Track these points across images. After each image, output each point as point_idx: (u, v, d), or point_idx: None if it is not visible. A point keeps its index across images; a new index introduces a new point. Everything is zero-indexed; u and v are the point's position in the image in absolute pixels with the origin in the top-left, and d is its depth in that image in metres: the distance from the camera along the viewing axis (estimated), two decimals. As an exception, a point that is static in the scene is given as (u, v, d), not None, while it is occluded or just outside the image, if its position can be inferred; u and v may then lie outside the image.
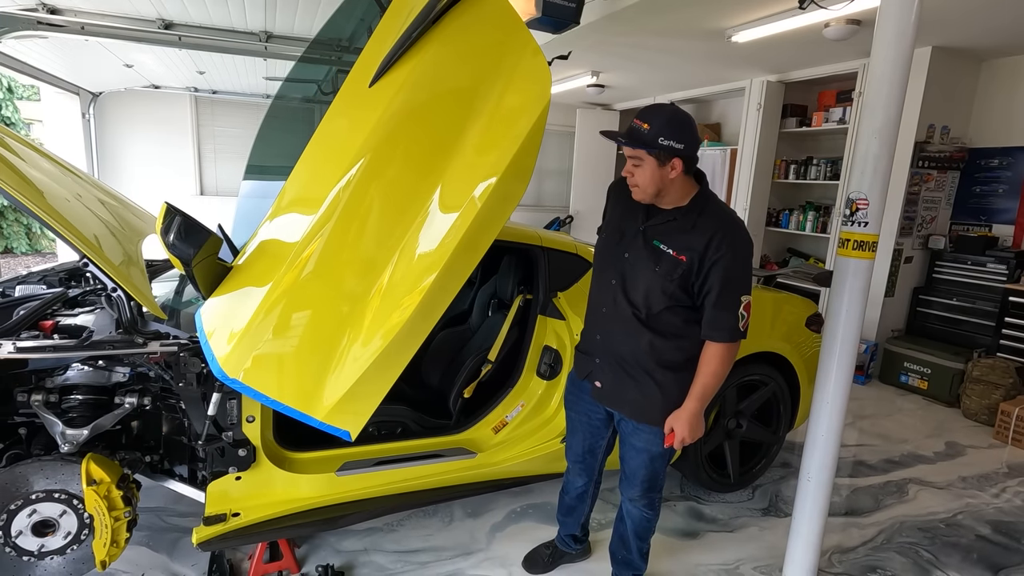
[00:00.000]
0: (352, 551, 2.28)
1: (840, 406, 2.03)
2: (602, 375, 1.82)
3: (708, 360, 1.65)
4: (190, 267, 1.61)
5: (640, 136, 1.58)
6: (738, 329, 1.62)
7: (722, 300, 1.60)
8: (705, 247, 1.58)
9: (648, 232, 1.69)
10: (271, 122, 2.26)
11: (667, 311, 1.67)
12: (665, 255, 1.64)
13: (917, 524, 2.67)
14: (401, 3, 1.82)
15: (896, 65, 1.79)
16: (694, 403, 1.66)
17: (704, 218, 1.63)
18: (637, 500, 1.88)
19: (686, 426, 1.66)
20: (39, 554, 1.72)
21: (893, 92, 1.82)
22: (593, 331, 1.85)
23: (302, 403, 1.65)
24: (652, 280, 1.65)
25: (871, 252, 1.93)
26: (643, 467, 1.82)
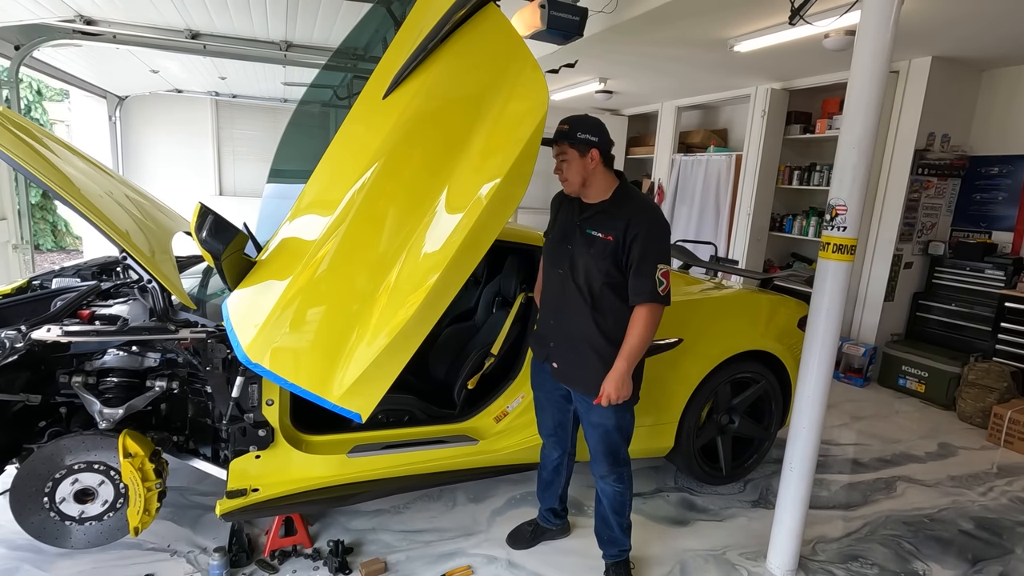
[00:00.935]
0: (361, 530, 2.43)
1: (820, 399, 2.15)
2: (557, 356, 2.04)
3: (634, 323, 1.89)
4: (220, 261, 1.78)
5: (563, 134, 1.91)
6: (657, 292, 1.86)
7: (641, 269, 1.86)
8: (626, 227, 1.87)
9: (582, 224, 1.97)
10: (293, 128, 2.43)
11: (606, 289, 1.91)
12: (596, 239, 1.91)
13: (902, 518, 2.77)
14: (413, 22, 1.99)
15: (872, 81, 1.92)
16: (621, 362, 1.88)
17: (624, 205, 1.92)
18: (607, 476, 2.07)
19: (612, 384, 1.87)
20: (80, 519, 1.90)
21: (870, 106, 1.94)
22: (547, 317, 2.09)
23: (317, 387, 1.81)
24: (589, 261, 1.92)
25: (850, 255, 2.05)
26: (602, 441, 2.02)
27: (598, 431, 2.02)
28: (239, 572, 2.13)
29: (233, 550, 2.17)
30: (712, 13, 3.41)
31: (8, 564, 2.10)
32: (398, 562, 2.25)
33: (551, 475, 2.33)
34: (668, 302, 1.89)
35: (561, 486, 2.35)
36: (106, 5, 3.53)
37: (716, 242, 6.11)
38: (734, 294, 3.17)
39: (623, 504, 2.11)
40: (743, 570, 2.33)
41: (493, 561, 2.29)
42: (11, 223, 4.40)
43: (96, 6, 3.53)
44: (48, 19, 3.57)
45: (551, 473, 2.32)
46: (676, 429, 2.74)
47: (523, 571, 2.25)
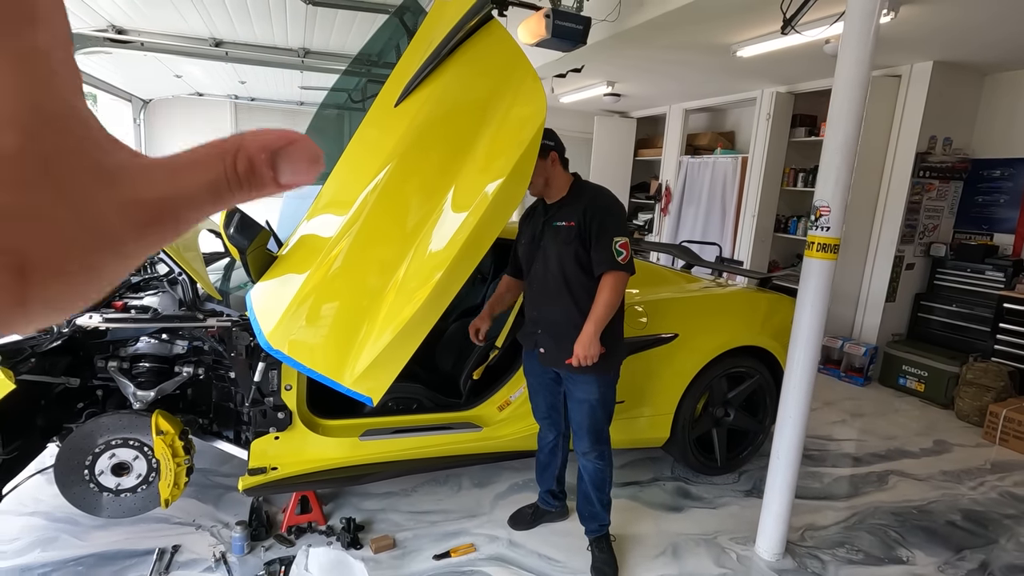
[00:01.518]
0: (371, 510, 2.59)
1: (806, 391, 2.27)
2: (544, 341, 2.21)
3: (600, 290, 2.08)
4: (244, 255, 1.95)
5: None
6: (616, 261, 2.05)
7: (601, 242, 2.07)
8: (584, 211, 2.09)
9: (548, 220, 2.18)
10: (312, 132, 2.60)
11: (578, 271, 2.11)
12: (561, 227, 2.14)
13: (891, 509, 2.87)
14: (423, 34, 2.14)
15: (854, 90, 2.03)
16: (590, 326, 2.06)
17: (581, 195, 2.15)
18: (589, 452, 2.22)
19: (580, 345, 2.04)
20: (116, 491, 2.07)
21: (852, 113, 2.06)
22: (531, 308, 2.28)
23: (332, 372, 1.97)
24: (560, 248, 2.13)
25: (833, 254, 2.17)
26: (587, 417, 2.18)
27: (583, 407, 2.18)
28: (258, 545, 2.29)
29: (253, 525, 2.33)
30: (712, 21, 3.53)
31: (49, 534, 2.29)
32: (406, 539, 2.40)
33: (547, 457, 2.48)
34: (631, 270, 2.09)
35: (558, 467, 2.50)
36: (136, 15, 3.73)
37: (722, 243, 6.21)
38: (731, 292, 3.29)
39: (603, 480, 2.26)
40: (732, 553, 2.45)
41: (495, 540, 2.43)
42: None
43: (127, 16, 3.73)
44: (83, 29, 3.79)
45: (547, 455, 2.47)
46: (672, 420, 2.86)
47: (522, 549, 2.39)
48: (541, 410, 2.41)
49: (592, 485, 2.26)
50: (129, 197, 0.18)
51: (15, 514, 2.40)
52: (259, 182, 0.20)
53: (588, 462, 2.25)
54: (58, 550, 2.20)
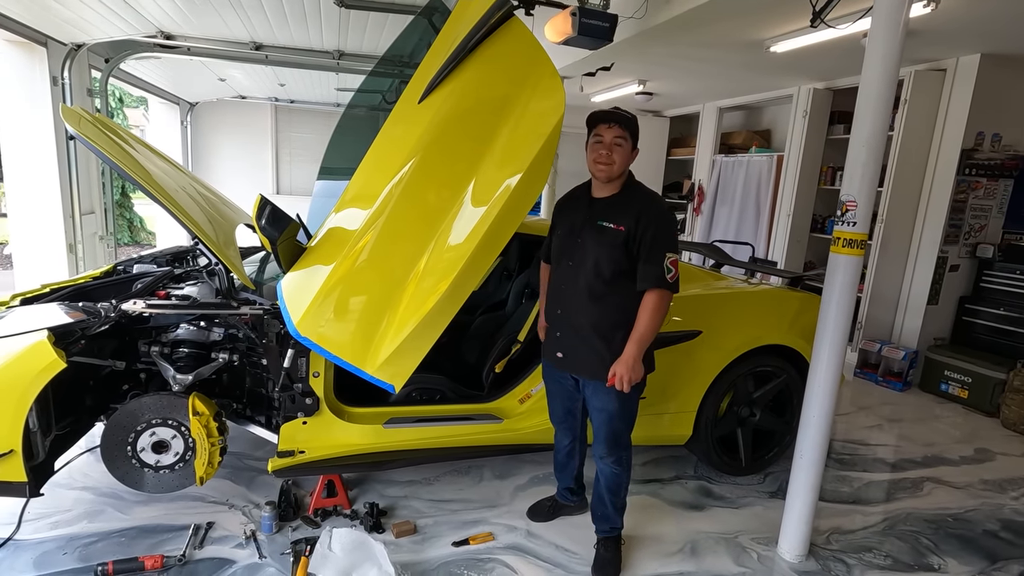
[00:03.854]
0: (394, 496, 2.66)
1: (830, 389, 2.22)
2: (563, 345, 2.14)
3: (643, 308, 1.99)
4: (276, 246, 2.04)
5: (628, 120, 2.00)
6: (664, 279, 1.95)
7: (650, 257, 1.96)
8: (637, 217, 1.97)
9: (593, 216, 2.06)
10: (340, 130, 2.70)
11: (614, 277, 2.00)
12: (608, 229, 2.01)
13: (924, 516, 2.77)
14: (446, 34, 2.20)
15: (882, 83, 1.99)
16: (632, 347, 1.97)
17: (634, 197, 2.04)
18: (605, 457, 2.17)
19: (624, 367, 1.96)
20: (156, 467, 2.20)
21: (879, 107, 2.01)
22: (555, 307, 2.17)
23: (357, 360, 2.05)
24: (600, 250, 2.01)
25: (859, 249, 2.12)
26: (604, 424, 2.12)
27: (602, 415, 2.12)
28: (286, 525, 2.39)
29: (282, 506, 2.44)
30: (742, 16, 3.48)
31: (96, 507, 2.45)
32: (426, 525, 2.46)
33: (565, 458, 2.46)
34: (676, 289, 1.99)
35: (575, 468, 2.48)
36: (183, 22, 3.94)
37: (756, 243, 6.08)
38: (758, 290, 3.24)
39: (619, 485, 2.21)
40: (753, 553, 2.42)
41: (513, 530, 2.47)
42: (98, 216, 4.93)
43: (175, 23, 3.95)
44: (134, 35, 4.02)
45: (564, 457, 2.45)
46: (695, 418, 2.84)
47: (540, 540, 2.42)
48: (557, 415, 2.36)
49: (607, 488, 2.22)
50: None
51: (67, 487, 2.57)
52: None
53: (605, 466, 2.19)
54: (104, 522, 2.35)
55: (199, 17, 3.83)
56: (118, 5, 3.58)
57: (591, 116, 2.01)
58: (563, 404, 2.31)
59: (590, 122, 2.01)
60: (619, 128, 1.97)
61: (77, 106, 3.76)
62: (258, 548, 2.23)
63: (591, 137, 2.02)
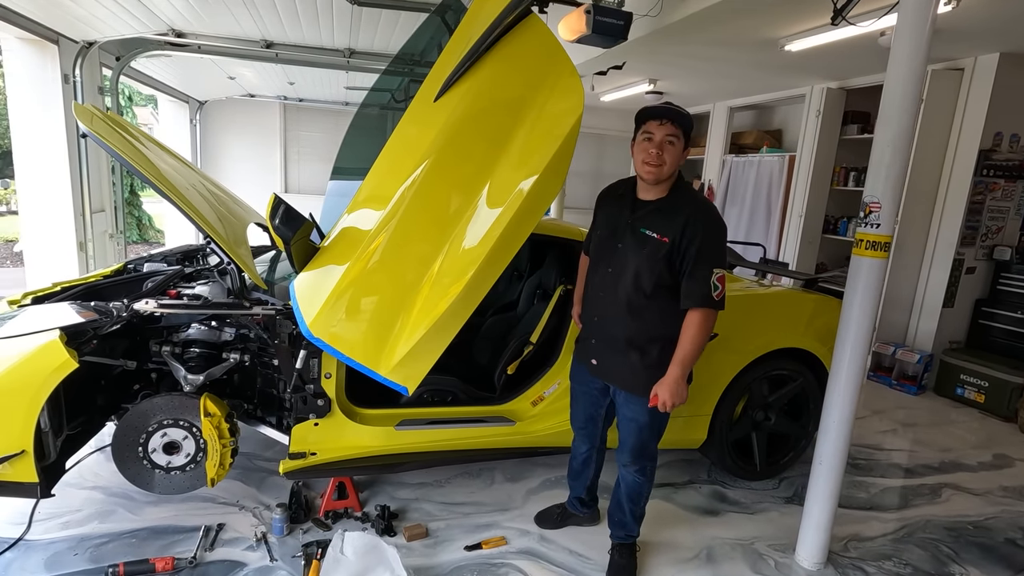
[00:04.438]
0: (405, 499, 2.64)
1: (852, 395, 2.18)
2: (597, 353, 2.07)
3: (687, 328, 1.87)
4: (289, 245, 2.02)
5: (683, 117, 1.85)
6: (711, 297, 1.83)
7: (696, 272, 1.83)
8: (683, 228, 1.83)
9: (635, 222, 1.94)
10: (354, 129, 2.67)
11: (655, 290, 1.90)
12: (651, 239, 1.89)
13: (944, 524, 2.72)
14: (463, 31, 2.17)
15: (909, 81, 1.94)
16: (676, 369, 1.87)
17: (681, 204, 1.89)
18: (629, 465, 2.10)
19: (667, 390, 1.86)
20: (167, 468, 2.19)
21: (906, 105, 1.96)
22: (591, 312, 2.10)
23: (370, 361, 2.02)
24: (641, 262, 1.90)
25: (884, 252, 2.08)
26: (632, 435, 2.06)
27: (631, 425, 2.05)
28: (297, 528, 2.37)
29: (293, 508, 2.42)
30: (758, 14, 3.43)
31: (106, 507, 2.43)
32: (438, 529, 2.43)
33: (580, 466, 2.39)
34: (722, 307, 1.87)
35: (589, 478, 2.40)
36: (195, 19, 3.93)
37: (766, 244, 6.03)
38: (773, 292, 3.19)
39: (640, 495, 2.16)
40: (770, 560, 2.38)
41: (526, 535, 2.44)
42: (108, 215, 4.93)
43: (186, 20, 3.94)
44: (145, 33, 4.02)
45: (580, 464, 2.38)
46: (709, 422, 2.80)
47: (553, 545, 2.38)
48: (579, 419, 2.28)
49: (627, 496, 2.16)
50: None
51: (78, 487, 2.55)
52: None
53: (628, 474, 2.13)
54: (114, 523, 2.34)
55: (211, 14, 3.82)
56: (130, 2, 3.57)
57: (642, 111, 1.90)
58: (586, 409, 2.25)
59: (640, 118, 1.89)
60: (672, 125, 1.82)
61: (89, 104, 3.76)
62: (269, 551, 2.21)
63: (639, 134, 1.89)
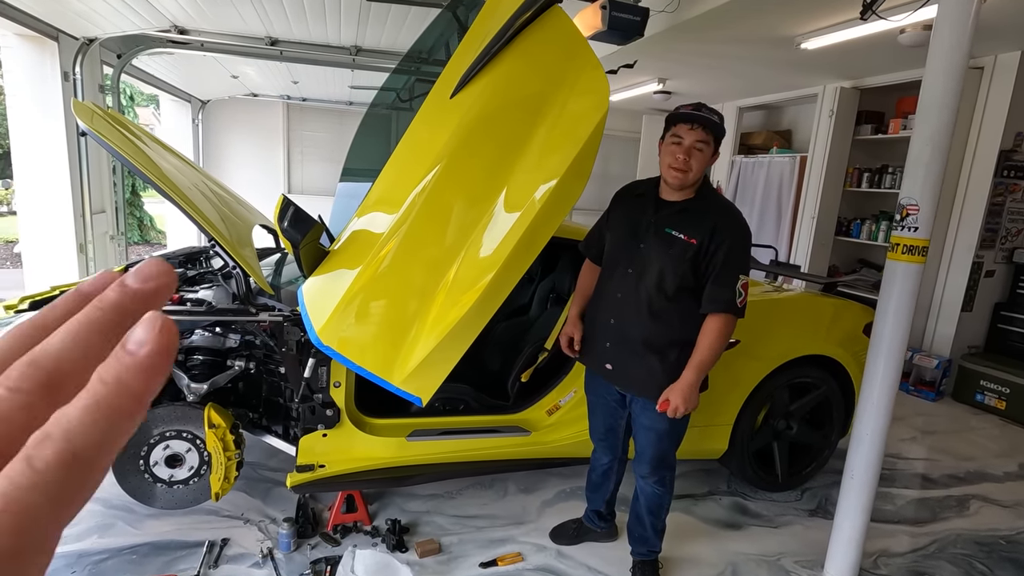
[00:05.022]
0: (417, 512, 2.54)
1: (886, 406, 2.08)
2: (612, 357, 1.98)
3: (706, 333, 1.82)
4: (298, 249, 1.92)
5: (713, 123, 1.79)
6: (735, 303, 1.79)
7: (722, 277, 1.79)
8: (712, 232, 1.79)
9: (659, 222, 1.88)
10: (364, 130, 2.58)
11: (677, 292, 1.84)
12: (677, 240, 1.83)
13: (975, 538, 2.62)
14: (480, 24, 2.07)
15: (949, 76, 1.85)
16: (690, 373, 1.81)
17: (710, 207, 1.86)
18: (648, 477, 2.03)
19: (680, 395, 1.80)
20: (169, 482, 2.09)
21: (946, 101, 1.87)
22: (607, 315, 1.99)
23: (382, 371, 1.92)
24: (666, 263, 1.84)
25: (921, 256, 1.98)
26: (651, 445, 1.98)
27: (650, 434, 1.98)
28: (304, 543, 2.27)
29: (300, 522, 2.32)
30: (779, 10, 3.33)
31: (106, 520, 2.34)
32: (451, 544, 2.33)
33: (600, 478, 2.30)
34: (743, 314, 1.83)
35: (609, 491, 2.32)
36: (198, 15, 3.84)
37: (777, 246, 5.92)
38: (794, 297, 3.09)
39: (660, 507, 2.08)
40: (798, 577, 2.28)
41: (542, 550, 2.34)
42: (109, 215, 4.84)
43: (189, 16, 3.85)
44: (147, 30, 3.92)
45: (600, 476, 2.29)
46: (730, 432, 2.70)
47: (572, 562, 2.29)
48: (598, 431, 2.21)
49: (647, 509, 2.09)
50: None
51: (75, 499, 2.46)
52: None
53: (647, 486, 2.07)
54: (114, 537, 2.24)
55: (215, 10, 3.73)
56: (132, -2, 3.49)
57: (672, 114, 1.84)
58: (605, 420, 2.16)
59: (670, 120, 1.84)
60: (702, 131, 1.77)
61: (89, 101, 3.67)
62: (276, 568, 2.11)
63: (667, 137, 1.84)
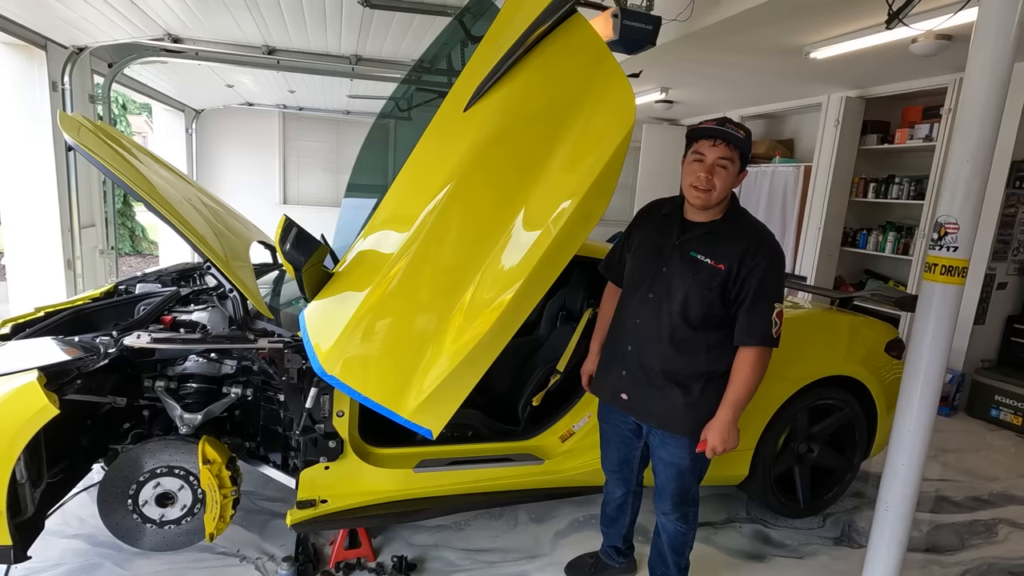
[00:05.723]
0: (423, 545, 2.40)
1: (923, 436, 1.97)
2: (629, 386, 1.85)
3: (741, 367, 1.70)
4: (300, 272, 1.80)
5: (739, 138, 1.66)
6: (771, 335, 1.66)
7: (756, 307, 1.66)
8: (742, 256, 1.66)
9: (684, 244, 1.75)
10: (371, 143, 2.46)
11: (703, 321, 1.72)
12: (704, 265, 1.70)
13: (1008, 567, 2.51)
14: (496, 33, 1.96)
15: (993, 85, 1.75)
16: (727, 412, 1.69)
17: (739, 229, 1.72)
18: (670, 513, 1.90)
19: (718, 435, 1.68)
20: (160, 522, 1.94)
21: (988, 113, 1.77)
22: (623, 342, 1.86)
23: (391, 401, 1.80)
24: (691, 289, 1.70)
25: (960, 278, 1.87)
26: (672, 480, 1.85)
27: (670, 470, 1.85)
28: (305, 582, 2.13)
29: (300, 560, 2.18)
30: (795, 18, 3.25)
31: (91, 560, 2.18)
32: (461, 582, 2.20)
33: (615, 512, 2.16)
34: (778, 344, 1.70)
35: (625, 526, 2.18)
36: (193, 23, 3.72)
37: (782, 257, 5.84)
38: (814, 314, 2.99)
39: (684, 544, 1.95)
40: (829, 615, 2.15)
41: (558, 587, 2.21)
42: (99, 230, 4.69)
43: (184, 24, 3.72)
44: (140, 38, 3.80)
45: (615, 511, 2.15)
46: (751, 457, 2.58)
47: (591, 600, 2.15)
48: (611, 462, 2.07)
49: (670, 547, 1.95)
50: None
51: (59, 535, 2.30)
52: None
53: (669, 523, 1.93)
54: (100, 579, 2.09)
55: (210, 18, 3.61)
56: (124, 5, 3.36)
57: (692, 130, 1.72)
58: (618, 452, 2.03)
59: (691, 137, 1.72)
60: (726, 147, 1.64)
61: (76, 113, 3.53)
62: (275, 613, 1.97)
63: (689, 154, 1.72)
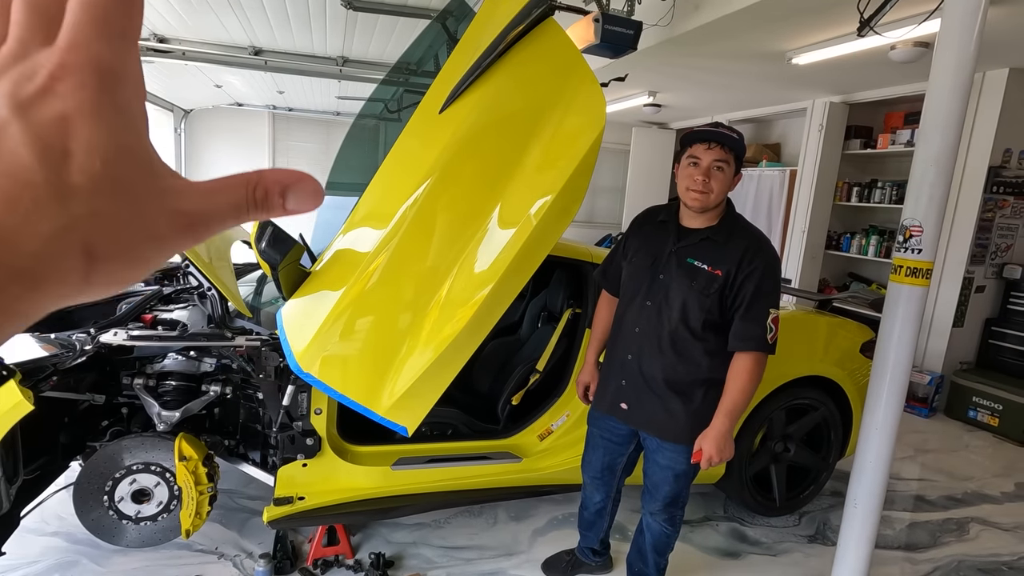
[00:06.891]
0: (402, 543, 2.42)
1: (890, 433, 2.01)
2: (629, 396, 1.85)
3: (736, 374, 1.69)
4: (276, 271, 1.82)
5: (733, 140, 1.69)
6: (766, 341, 1.66)
7: (751, 312, 1.67)
8: (739, 261, 1.67)
9: (680, 251, 1.76)
10: (350, 142, 2.48)
11: (703, 328, 1.72)
12: (701, 271, 1.71)
13: (977, 564, 2.56)
14: (472, 36, 1.99)
15: (955, 93, 1.80)
16: (722, 420, 1.67)
17: (736, 235, 1.73)
18: (657, 514, 1.91)
19: (713, 444, 1.66)
20: (136, 519, 1.95)
21: (951, 120, 1.82)
22: (623, 351, 1.86)
23: (366, 399, 1.81)
24: (689, 296, 1.71)
25: (925, 279, 1.92)
26: (666, 483, 1.86)
27: (666, 473, 1.84)
28: (283, 579, 2.14)
29: (278, 557, 2.19)
30: (773, 25, 3.31)
31: (68, 557, 2.18)
32: (438, 579, 2.22)
33: (593, 516, 2.15)
34: (774, 351, 1.69)
35: (603, 530, 2.19)
36: (179, 24, 3.73)
37: (767, 260, 5.91)
38: (791, 316, 3.03)
39: (666, 545, 1.97)
40: (800, 611, 2.19)
41: (535, 584, 2.23)
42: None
43: (169, 25, 3.73)
44: (125, 37, 3.79)
45: (593, 515, 2.14)
46: (728, 455, 2.62)
47: (566, 597, 2.18)
48: (593, 467, 2.03)
49: (652, 547, 1.96)
50: (174, 208, 0.24)
51: (36, 533, 2.30)
52: (271, 207, 0.26)
53: (656, 523, 1.93)
54: (77, 576, 2.10)
55: (196, 19, 3.62)
56: (108, 5, 3.36)
57: (688, 134, 1.74)
58: (604, 458, 2.01)
59: (686, 140, 1.74)
60: (721, 150, 1.65)
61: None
62: (251, 609, 1.98)
63: (685, 158, 1.72)
